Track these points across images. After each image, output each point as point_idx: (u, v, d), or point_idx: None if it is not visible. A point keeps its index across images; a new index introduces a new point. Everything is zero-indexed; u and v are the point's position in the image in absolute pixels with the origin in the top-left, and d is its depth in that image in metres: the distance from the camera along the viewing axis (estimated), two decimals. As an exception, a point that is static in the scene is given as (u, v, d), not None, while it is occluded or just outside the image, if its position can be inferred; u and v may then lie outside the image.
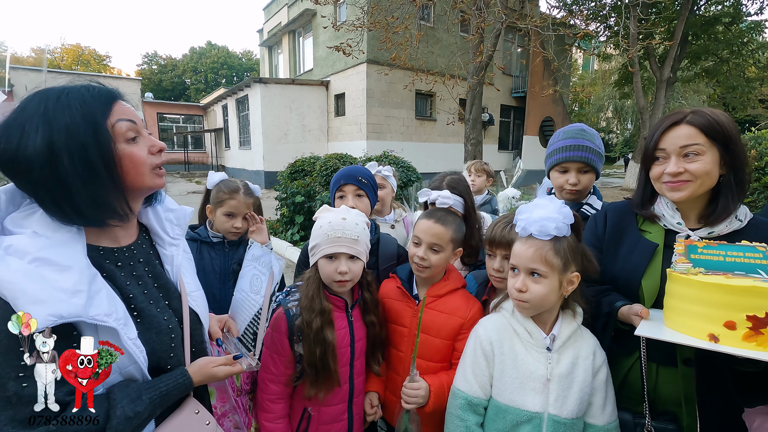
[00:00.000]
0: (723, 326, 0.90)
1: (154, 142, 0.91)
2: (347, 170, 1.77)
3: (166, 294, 1.01)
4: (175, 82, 41.48)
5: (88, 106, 0.80)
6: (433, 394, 1.28)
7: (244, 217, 1.83)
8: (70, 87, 0.83)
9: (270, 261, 1.66)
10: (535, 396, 1.12)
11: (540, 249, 1.11)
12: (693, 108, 1.19)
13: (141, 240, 1.02)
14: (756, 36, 15.33)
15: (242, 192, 1.84)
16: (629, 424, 1.18)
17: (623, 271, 1.27)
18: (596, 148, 1.64)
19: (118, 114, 0.85)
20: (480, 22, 7.69)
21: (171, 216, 1.09)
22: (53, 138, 0.76)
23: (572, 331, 1.17)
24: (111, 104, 0.85)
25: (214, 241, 1.88)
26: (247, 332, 1.55)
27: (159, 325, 0.94)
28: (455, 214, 1.53)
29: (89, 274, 0.81)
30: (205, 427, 0.99)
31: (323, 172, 6.10)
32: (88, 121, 0.79)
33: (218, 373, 1.02)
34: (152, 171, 0.91)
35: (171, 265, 1.06)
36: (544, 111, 18.19)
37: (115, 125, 0.84)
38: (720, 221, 1.16)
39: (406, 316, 1.46)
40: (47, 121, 0.77)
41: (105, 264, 0.89)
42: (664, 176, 1.18)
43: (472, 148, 9.29)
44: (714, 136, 1.12)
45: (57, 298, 0.73)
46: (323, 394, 1.31)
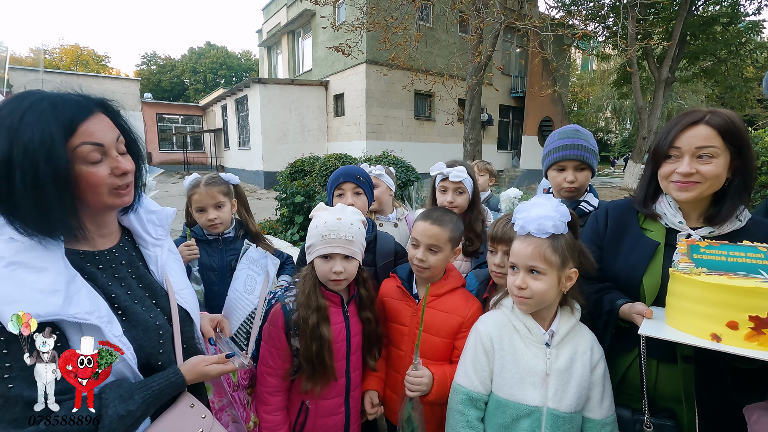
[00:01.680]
0: (725, 326, 0.91)
1: (118, 164, 0.90)
2: (345, 169, 1.81)
3: (152, 293, 1.03)
4: (174, 83, 41.46)
5: (49, 128, 0.79)
6: (436, 383, 1.29)
7: (216, 206, 1.83)
8: (41, 100, 0.82)
9: (266, 264, 1.67)
10: (534, 390, 1.14)
11: (538, 247, 1.13)
12: (710, 108, 1.18)
13: (123, 243, 1.04)
14: (754, 36, 15.38)
15: (203, 184, 1.84)
16: (628, 420, 1.19)
17: (624, 269, 1.28)
18: (591, 147, 1.69)
19: (84, 136, 0.84)
20: (479, 22, 7.70)
21: (153, 217, 1.11)
22: (12, 150, 0.77)
23: (570, 327, 1.18)
24: (78, 124, 0.84)
25: (209, 239, 1.89)
26: (240, 331, 1.56)
27: (145, 323, 0.95)
28: (452, 213, 1.54)
29: (67, 274, 0.82)
30: (201, 420, 1.00)
31: (323, 172, 6.11)
32: (45, 143, 0.78)
33: (211, 371, 1.03)
34: (112, 191, 0.91)
35: (156, 265, 1.08)
36: (543, 111, 18.22)
37: (77, 148, 0.83)
38: (724, 223, 1.17)
39: (406, 315, 1.47)
40: (10, 135, 0.77)
41: (86, 267, 0.91)
42: (674, 175, 1.18)
43: (471, 148, 9.30)
44: (730, 139, 1.12)
45: (33, 298, 0.75)
46: (320, 388, 1.33)
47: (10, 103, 0.81)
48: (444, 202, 1.82)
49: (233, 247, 1.88)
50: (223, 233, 1.89)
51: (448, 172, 1.80)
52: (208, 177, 1.89)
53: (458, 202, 1.81)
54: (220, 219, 1.84)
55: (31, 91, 0.85)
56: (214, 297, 1.78)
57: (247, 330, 1.54)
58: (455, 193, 1.82)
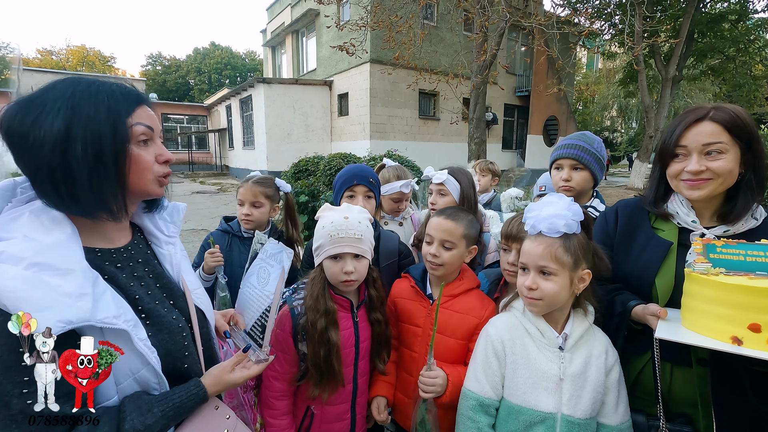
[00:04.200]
0: (747, 329, 0.88)
1: (162, 152, 0.92)
2: (358, 170, 1.75)
3: (170, 294, 1.00)
4: (179, 83, 41.69)
5: (116, 102, 0.82)
6: (450, 384, 1.27)
7: (253, 204, 1.91)
8: (101, 80, 0.85)
9: (283, 258, 1.65)
10: (548, 396, 1.10)
11: (550, 246, 1.10)
12: (714, 104, 1.16)
13: (137, 240, 1.00)
14: (763, 33, 15.19)
15: (252, 181, 1.93)
16: (643, 426, 1.15)
17: (635, 270, 1.25)
18: (590, 149, 1.70)
19: (139, 117, 0.87)
20: (484, 20, 7.66)
21: (164, 214, 1.07)
22: (73, 123, 0.77)
23: (584, 330, 1.15)
24: (136, 106, 0.87)
25: (244, 236, 1.95)
26: (255, 325, 1.53)
27: (170, 325, 0.92)
28: (467, 212, 1.52)
29: (91, 276, 0.79)
30: (226, 421, 0.98)
31: (327, 171, 6.11)
32: (112, 116, 0.81)
33: (236, 379, 0.99)
34: (155, 178, 0.91)
35: (170, 264, 1.05)
36: (548, 110, 18.13)
37: (134, 126, 0.85)
38: (738, 220, 1.14)
39: (419, 316, 1.45)
40: (71, 106, 0.78)
41: (105, 266, 0.87)
42: (683, 174, 1.15)
43: (476, 147, 9.26)
44: (738, 134, 1.09)
45: (63, 303, 0.71)
46: (327, 394, 1.30)
47: (63, 81, 0.82)
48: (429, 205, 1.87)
49: None
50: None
51: (432, 175, 1.86)
52: (261, 177, 1.98)
53: (440, 204, 1.82)
54: (254, 216, 1.91)
55: (80, 75, 0.88)
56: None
57: (263, 324, 1.52)
58: (437, 195, 1.87)
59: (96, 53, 42.16)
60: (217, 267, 1.82)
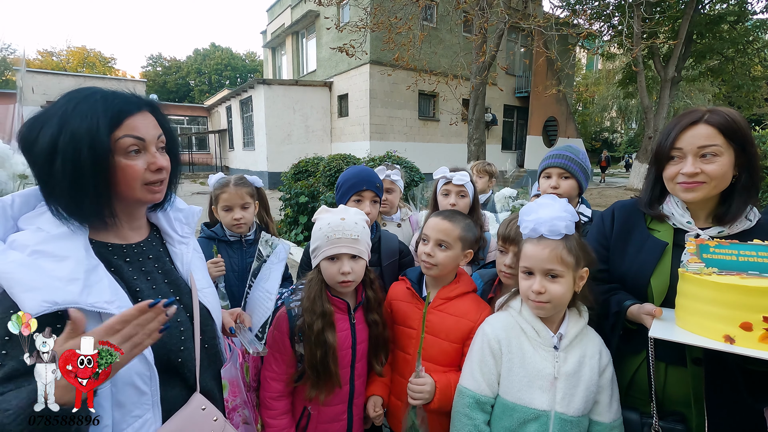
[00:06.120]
0: (739, 327, 0.89)
1: (154, 160, 0.94)
2: (366, 175, 1.72)
3: (177, 290, 1.03)
4: (180, 84, 41.68)
5: (96, 118, 0.85)
6: (438, 391, 1.27)
7: (242, 206, 1.87)
8: (95, 93, 0.88)
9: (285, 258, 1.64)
10: (542, 394, 1.12)
11: (555, 249, 1.12)
12: (709, 107, 1.17)
13: (152, 238, 1.06)
14: (762, 34, 15.21)
15: (232, 184, 1.89)
16: (636, 423, 1.17)
17: (631, 270, 1.26)
18: (577, 159, 1.78)
19: (128, 129, 0.89)
20: (483, 22, 7.68)
21: (180, 215, 1.13)
22: (58, 139, 0.82)
23: (579, 330, 1.17)
24: (125, 117, 0.88)
25: (231, 240, 1.91)
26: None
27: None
28: (465, 215, 1.53)
29: (88, 263, 0.84)
30: (213, 423, 0.99)
31: (327, 172, 6.13)
32: (91, 133, 0.84)
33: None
34: (144, 186, 0.93)
35: (181, 262, 1.09)
36: (548, 111, 18.14)
37: (120, 140, 0.88)
38: (733, 222, 1.15)
39: (414, 318, 1.44)
40: (61, 123, 0.83)
41: (113, 259, 0.92)
42: (679, 176, 1.16)
43: (476, 148, 9.28)
44: (732, 136, 1.11)
45: (52, 285, 0.76)
46: (324, 396, 1.31)
47: (67, 95, 0.88)
48: (447, 205, 1.82)
49: (253, 249, 1.87)
50: (244, 235, 1.92)
51: (452, 176, 1.84)
52: (237, 177, 1.93)
53: (460, 206, 1.81)
54: (245, 219, 1.89)
55: (89, 86, 0.91)
56: (233, 299, 1.79)
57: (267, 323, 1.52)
58: (458, 196, 1.84)
59: (96, 54, 42.17)
60: (219, 277, 1.79)
